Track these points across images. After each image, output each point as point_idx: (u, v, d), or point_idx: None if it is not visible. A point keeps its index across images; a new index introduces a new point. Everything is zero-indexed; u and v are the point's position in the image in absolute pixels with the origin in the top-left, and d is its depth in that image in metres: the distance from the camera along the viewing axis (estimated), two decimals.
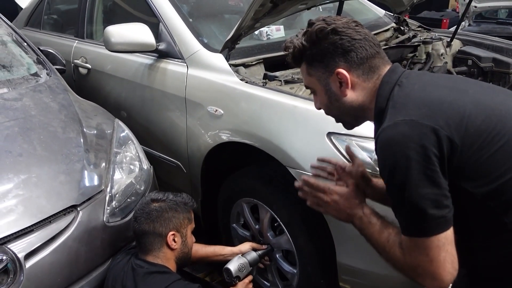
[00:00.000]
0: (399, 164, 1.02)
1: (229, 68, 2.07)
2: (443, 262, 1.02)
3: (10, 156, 1.77)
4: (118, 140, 2.14)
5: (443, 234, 1.02)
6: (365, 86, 1.18)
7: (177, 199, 1.76)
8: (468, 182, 1.04)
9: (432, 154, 1.00)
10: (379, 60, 1.18)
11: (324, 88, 1.22)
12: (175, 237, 1.69)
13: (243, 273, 1.83)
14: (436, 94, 1.09)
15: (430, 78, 1.20)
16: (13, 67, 2.36)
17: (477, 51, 2.62)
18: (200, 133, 2.16)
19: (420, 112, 1.04)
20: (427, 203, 1.01)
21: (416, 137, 1.01)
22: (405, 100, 1.09)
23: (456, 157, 1.01)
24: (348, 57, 1.15)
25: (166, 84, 2.33)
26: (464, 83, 1.20)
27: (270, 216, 1.97)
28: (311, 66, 1.21)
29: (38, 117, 2.03)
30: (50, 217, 1.62)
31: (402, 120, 1.04)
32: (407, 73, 1.18)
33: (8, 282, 1.47)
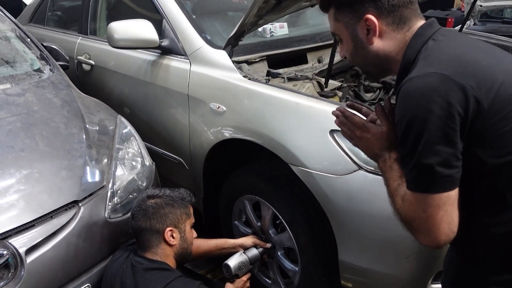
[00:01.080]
0: (420, 115, 0.98)
1: (232, 65, 2.06)
2: (439, 221, 1.00)
3: (12, 151, 1.77)
4: (121, 136, 2.14)
5: (446, 193, 1.00)
6: (394, 36, 1.13)
7: (174, 194, 1.74)
8: (484, 150, 1.02)
9: (456, 113, 0.97)
10: (412, 11, 1.12)
11: (351, 34, 1.16)
12: (173, 233, 1.68)
13: (242, 271, 1.82)
14: (473, 55, 1.06)
15: (467, 39, 1.15)
16: (16, 63, 2.36)
17: None
18: (203, 130, 2.15)
19: (453, 68, 1.00)
20: (438, 159, 0.98)
21: (443, 92, 0.97)
22: (440, 55, 1.06)
23: (481, 121, 0.99)
24: (378, 3, 1.10)
25: (169, 80, 2.33)
26: (501, 53, 1.17)
27: (272, 213, 1.96)
28: (339, 10, 1.16)
29: (41, 112, 2.03)
30: (51, 212, 1.62)
31: (433, 73, 1.00)
32: (444, 30, 1.13)
33: (9, 277, 1.47)
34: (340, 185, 1.64)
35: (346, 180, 1.63)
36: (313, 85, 2.01)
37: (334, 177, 1.65)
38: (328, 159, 1.68)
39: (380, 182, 1.64)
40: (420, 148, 0.99)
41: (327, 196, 1.68)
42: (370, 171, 1.59)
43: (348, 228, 1.68)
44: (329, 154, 1.67)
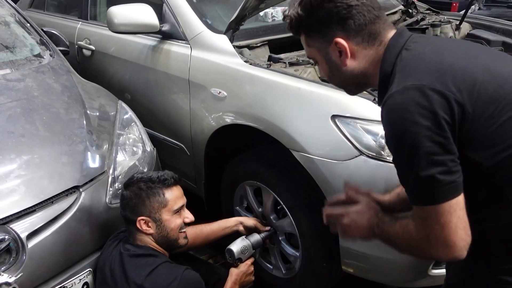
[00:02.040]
0: (409, 130, 0.98)
1: (233, 50, 2.04)
2: (454, 228, 0.99)
3: (12, 136, 1.77)
4: (121, 122, 2.13)
5: (454, 200, 0.99)
6: (367, 53, 1.13)
7: (149, 179, 1.64)
8: (476, 152, 1.01)
9: (443, 120, 0.96)
10: (381, 25, 1.12)
11: (324, 58, 1.18)
12: (148, 222, 1.62)
13: (245, 255, 1.83)
14: (448, 58, 1.05)
15: (440, 42, 1.15)
16: (16, 48, 2.34)
17: (487, 35, 2.56)
18: (204, 116, 2.14)
19: (431, 77, 1.00)
20: (437, 169, 0.97)
21: (426, 103, 0.97)
22: (415, 64, 1.05)
23: (467, 124, 0.99)
24: (345, 25, 1.10)
25: (170, 66, 2.31)
26: (476, 50, 1.16)
27: (274, 199, 1.96)
28: (309, 36, 1.17)
29: (41, 98, 2.02)
30: (52, 197, 1.62)
31: (412, 85, 1.00)
32: (415, 36, 1.13)
33: (10, 261, 1.48)
34: (342, 170, 1.63)
35: (348, 165, 1.62)
36: (315, 70, 1.99)
37: (336, 162, 1.65)
38: (329, 145, 1.67)
39: (381, 167, 1.64)
40: (417, 161, 0.98)
41: (328, 181, 1.68)
42: (372, 156, 1.58)
43: None
44: (330, 139, 1.66)
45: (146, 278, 1.51)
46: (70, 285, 1.62)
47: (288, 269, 2.06)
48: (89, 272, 1.68)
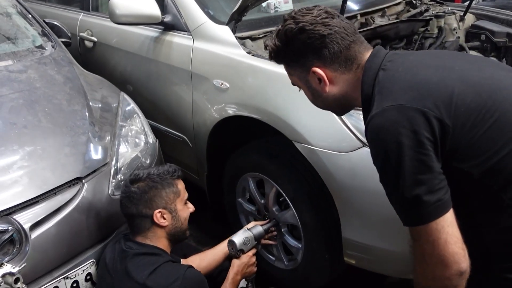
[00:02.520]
0: (392, 152, 1.00)
1: (235, 41, 2.03)
2: (444, 244, 1.01)
3: (15, 128, 1.77)
4: (124, 114, 2.13)
5: (441, 218, 1.00)
6: (345, 78, 1.17)
7: (159, 172, 1.66)
8: (463, 162, 1.02)
9: (424, 138, 0.98)
10: (356, 48, 1.15)
11: (305, 85, 1.23)
12: (164, 214, 1.62)
13: (247, 246, 1.83)
14: (422, 75, 1.06)
15: (415, 58, 1.16)
16: (18, 39, 2.34)
17: (491, 26, 2.54)
18: (206, 107, 2.14)
19: (407, 95, 1.02)
20: (422, 189, 0.99)
21: (406, 122, 0.99)
22: (391, 85, 1.07)
23: (449, 138, 1.00)
24: (320, 54, 1.14)
25: (172, 57, 2.30)
26: (450, 59, 1.17)
27: (276, 191, 1.96)
28: (289, 66, 1.23)
29: (43, 89, 2.02)
30: (55, 188, 1.62)
31: (389, 106, 1.02)
32: (390, 55, 1.16)
33: (14, 252, 1.49)
34: (344, 162, 1.63)
35: (350, 157, 1.62)
36: None
37: (338, 154, 1.64)
38: (332, 136, 1.67)
39: None
40: (402, 182, 1.00)
41: (331, 173, 1.68)
42: None
43: (351, 205, 1.68)
44: (333, 131, 1.66)
45: (148, 277, 1.50)
46: (74, 275, 1.63)
47: (290, 260, 2.07)
48: (92, 263, 1.68)
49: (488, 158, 1.01)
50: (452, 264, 1.01)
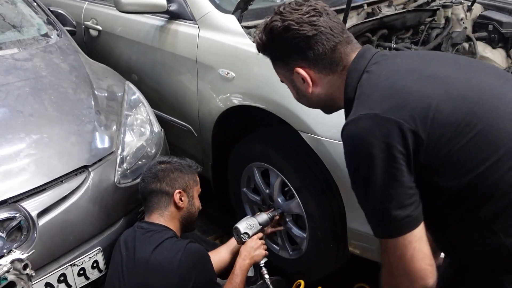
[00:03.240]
0: (363, 162, 0.98)
1: (241, 30, 2.02)
2: (410, 260, 0.99)
3: (21, 116, 1.77)
4: (129, 103, 2.13)
5: (409, 234, 0.99)
6: (330, 79, 1.14)
7: (182, 161, 1.81)
8: (439, 176, 0.99)
9: (396, 152, 0.95)
10: (342, 50, 1.12)
11: (290, 83, 1.22)
12: (182, 196, 1.72)
13: (252, 230, 1.84)
14: (403, 82, 1.02)
15: (401, 61, 1.11)
16: (23, 28, 2.34)
17: (499, 16, 2.52)
18: (211, 97, 2.14)
19: (383, 104, 0.99)
20: (391, 203, 0.97)
21: (379, 133, 0.96)
22: (370, 90, 1.04)
23: (423, 151, 0.97)
24: (305, 55, 1.12)
25: (177, 46, 2.29)
26: (437, 65, 1.11)
27: (281, 180, 1.96)
28: (274, 63, 1.21)
29: (49, 77, 2.02)
30: (61, 176, 1.63)
31: (365, 114, 0.99)
32: (378, 56, 1.12)
33: (21, 239, 1.50)
34: None
35: None
36: None
37: None
38: (338, 126, 1.63)
39: None
40: (372, 193, 0.99)
41: (336, 163, 1.67)
42: None
43: None
44: (339, 120, 1.63)
45: (152, 253, 1.55)
46: (80, 263, 1.64)
47: (294, 250, 2.08)
48: (99, 251, 1.70)
49: (464, 174, 0.97)
50: (418, 280, 1.00)
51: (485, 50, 2.44)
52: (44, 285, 1.55)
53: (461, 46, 2.46)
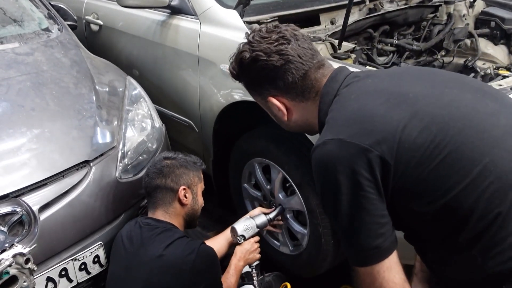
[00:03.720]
0: (329, 189, 0.97)
1: (243, 25, 2.01)
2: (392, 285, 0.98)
3: (22, 110, 1.77)
4: (130, 98, 2.13)
5: (378, 264, 0.97)
6: (304, 106, 1.14)
7: (187, 158, 1.80)
8: (413, 201, 0.95)
9: (362, 179, 0.92)
10: (312, 76, 1.11)
11: (268, 110, 1.23)
12: (186, 193, 1.71)
13: (248, 232, 1.83)
14: (370, 105, 1.00)
15: (371, 82, 1.09)
16: (24, 22, 2.33)
17: (501, 13, 2.51)
18: (213, 92, 2.13)
19: (349, 129, 0.97)
20: (360, 233, 0.95)
21: (344, 159, 0.94)
22: (339, 115, 1.03)
23: (391, 176, 0.93)
24: (275, 85, 1.12)
25: (179, 41, 2.29)
26: (409, 83, 1.07)
27: (282, 176, 1.96)
28: (249, 91, 1.23)
29: (50, 72, 2.02)
30: (63, 171, 1.63)
31: (331, 140, 0.97)
32: (350, 78, 1.10)
33: (23, 233, 1.50)
34: None
35: None
36: (326, 46, 1.96)
37: None
38: None
39: None
40: (340, 221, 0.97)
41: None
42: None
43: None
44: None
45: (164, 250, 1.54)
46: (82, 257, 1.65)
47: (295, 246, 2.08)
48: (100, 246, 1.70)
49: (438, 198, 0.93)
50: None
51: (487, 46, 2.44)
52: (45, 280, 1.56)
53: (463, 42, 2.45)
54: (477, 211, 0.92)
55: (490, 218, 0.91)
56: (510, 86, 1.61)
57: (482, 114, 0.99)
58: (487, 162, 0.92)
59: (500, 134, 0.96)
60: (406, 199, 0.96)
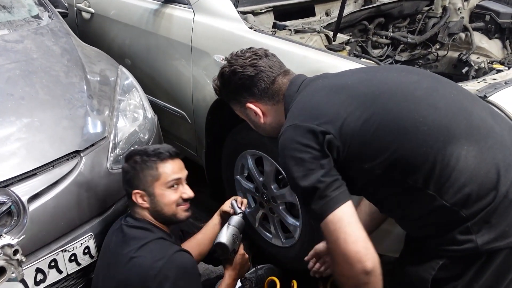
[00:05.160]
0: (290, 164, 1.17)
1: (237, 15, 1.99)
2: (344, 243, 1.11)
3: (12, 99, 1.74)
4: (122, 87, 2.10)
5: (334, 212, 1.12)
6: (276, 109, 1.37)
7: (144, 152, 1.61)
8: (364, 162, 1.15)
9: (312, 150, 1.14)
10: (280, 81, 1.35)
11: (246, 118, 1.45)
12: (143, 196, 1.58)
13: (236, 243, 1.71)
14: (317, 97, 1.24)
15: (321, 82, 1.31)
16: (14, 8, 2.28)
17: (496, 6, 2.51)
18: (206, 83, 2.11)
19: (301, 116, 1.21)
20: (314, 190, 1.13)
21: (298, 137, 1.17)
22: (294, 108, 1.26)
23: (341, 147, 1.14)
24: (251, 92, 1.36)
25: (172, 31, 2.26)
26: (348, 76, 1.34)
27: (275, 168, 1.95)
28: (230, 103, 1.46)
29: (40, 60, 1.98)
30: (53, 161, 1.61)
31: (288, 126, 1.21)
32: (307, 81, 1.33)
33: (12, 224, 1.48)
34: None
35: None
36: (320, 38, 1.94)
37: None
38: None
39: None
40: (300, 188, 1.15)
41: None
42: None
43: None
44: None
45: (137, 251, 1.48)
46: (72, 248, 1.63)
47: (287, 238, 2.08)
48: (90, 237, 1.68)
49: (384, 153, 1.13)
50: (355, 263, 1.11)
51: (482, 40, 2.44)
52: (34, 271, 1.54)
53: (458, 36, 2.45)
54: (418, 157, 1.11)
55: (430, 160, 1.10)
56: (505, 81, 1.60)
57: (406, 84, 1.22)
58: (415, 116, 1.13)
59: (422, 94, 1.19)
60: (358, 161, 1.16)
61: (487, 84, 1.57)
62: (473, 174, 1.10)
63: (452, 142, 1.10)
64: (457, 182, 1.10)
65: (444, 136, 1.11)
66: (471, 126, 1.14)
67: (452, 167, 1.10)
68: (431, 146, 1.11)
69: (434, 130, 1.12)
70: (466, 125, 1.14)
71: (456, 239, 1.13)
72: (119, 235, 1.58)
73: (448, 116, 1.14)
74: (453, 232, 1.13)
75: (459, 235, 1.12)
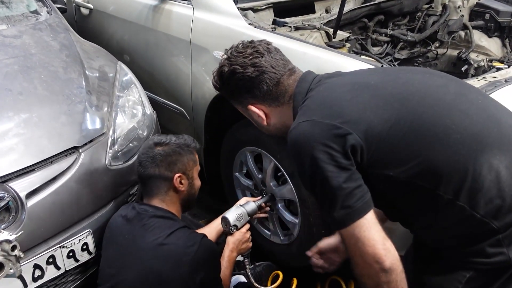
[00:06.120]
0: (306, 164, 1.08)
1: (237, 12, 1.98)
2: (362, 247, 1.08)
3: (10, 94, 1.73)
4: (121, 84, 2.09)
5: (357, 222, 1.07)
6: (280, 110, 1.28)
7: (180, 141, 1.71)
8: (389, 168, 1.08)
9: (333, 151, 1.05)
10: (285, 82, 1.26)
11: (249, 117, 1.38)
12: (182, 179, 1.66)
13: (240, 222, 1.79)
14: (338, 92, 1.16)
15: (336, 79, 1.24)
16: (12, 3, 2.27)
17: (496, 5, 2.51)
18: (205, 80, 2.10)
19: (320, 112, 1.11)
20: (335, 196, 1.06)
21: (317, 136, 1.07)
22: (311, 103, 1.17)
23: (365, 151, 1.06)
24: (253, 94, 1.27)
25: (171, 27, 2.25)
26: (367, 75, 1.27)
27: (274, 165, 1.94)
28: (231, 101, 1.38)
29: (39, 55, 1.97)
30: (51, 157, 1.60)
31: (304, 121, 1.11)
32: (318, 78, 1.25)
33: (10, 219, 1.47)
34: None
35: None
36: (320, 35, 1.94)
37: None
38: None
39: None
40: (318, 191, 1.09)
41: None
42: None
43: None
44: None
45: (165, 238, 1.52)
46: (70, 245, 1.62)
47: (286, 235, 2.08)
48: (89, 233, 1.68)
49: (412, 160, 1.06)
50: (374, 263, 1.08)
51: (481, 39, 2.44)
52: (32, 267, 1.53)
53: (457, 34, 2.45)
54: (449, 166, 1.06)
55: (462, 169, 1.05)
56: (505, 79, 1.61)
57: (433, 87, 1.16)
58: (447, 123, 1.07)
59: (452, 99, 1.12)
60: (382, 167, 1.09)
61: (487, 82, 1.57)
62: (506, 185, 1.06)
63: (485, 151, 1.06)
64: (489, 193, 1.05)
65: (477, 145, 1.06)
66: (502, 134, 1.10)
67: (485, 177, 1.05)
68: (463, 155, 1.06)
69: (467, 138, 1.07)
70: (497, 133, 1.09)
71: (485, 251, 1.09)
72: (137, 224, 1.58)
73: (479, 123, 1.09)
74: (482, 244, 1.09)
75: (489, 247, 1.08)
